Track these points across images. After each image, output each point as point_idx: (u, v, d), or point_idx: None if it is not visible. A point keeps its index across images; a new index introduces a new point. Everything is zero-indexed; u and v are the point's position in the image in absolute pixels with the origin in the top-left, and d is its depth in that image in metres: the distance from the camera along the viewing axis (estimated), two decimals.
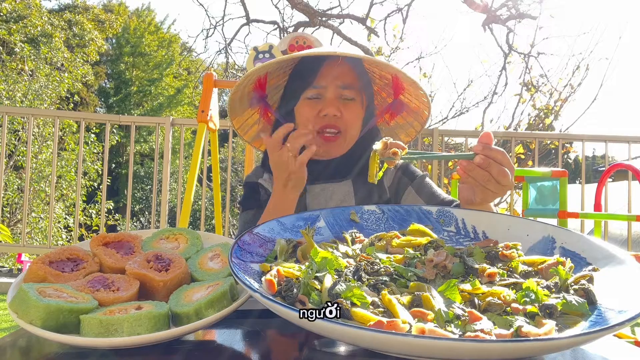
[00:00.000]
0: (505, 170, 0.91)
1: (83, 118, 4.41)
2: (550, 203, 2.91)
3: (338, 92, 1.22)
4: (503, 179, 0.91)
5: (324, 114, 1.20)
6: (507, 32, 5.97)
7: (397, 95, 1.31)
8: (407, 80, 1.25)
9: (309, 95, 1.23)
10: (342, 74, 1.22)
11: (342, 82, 1.21)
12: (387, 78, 1.33)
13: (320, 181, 1.29)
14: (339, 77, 1.21)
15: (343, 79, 1.21)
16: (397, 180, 1.32)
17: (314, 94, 1.22)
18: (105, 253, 0.80)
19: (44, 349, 0.69)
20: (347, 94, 1.22)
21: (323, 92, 1.22)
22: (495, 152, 0.91)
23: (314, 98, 1.22)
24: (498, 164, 0.91)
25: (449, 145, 5.68)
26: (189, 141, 8.96)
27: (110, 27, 17.13)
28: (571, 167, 11.17)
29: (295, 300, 0.62)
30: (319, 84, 1.21)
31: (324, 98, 1.22)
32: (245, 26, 6.49)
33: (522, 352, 0.51)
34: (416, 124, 1.37)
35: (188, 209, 2.77)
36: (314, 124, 1.21)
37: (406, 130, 1.40)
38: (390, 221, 0.92)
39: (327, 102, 1.21)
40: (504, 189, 0.94)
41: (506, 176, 0.91)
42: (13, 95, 8.50)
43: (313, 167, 1.28)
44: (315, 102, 1.22)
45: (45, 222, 7.12)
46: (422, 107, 1.31)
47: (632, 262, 0.69)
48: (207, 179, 6.84)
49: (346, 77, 1.22)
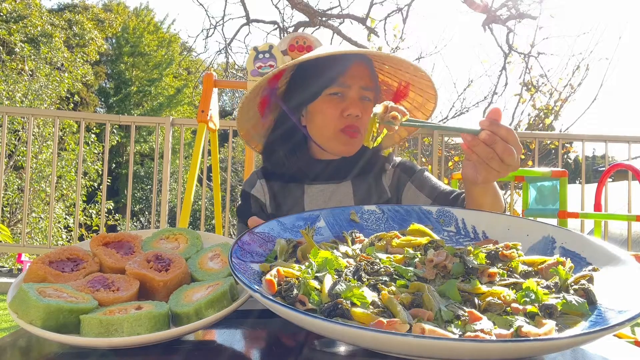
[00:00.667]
0: (510, 149, 0.86)
1: (83, 118, 4.41)
2: (550, 203, 2.92)
3: (360, 92, 1.22)
4: (508, 157, 0.86)
5: (347, 113, 1.19)
6: (507, 32, 5.97)
7: (397, 100, 1.32)
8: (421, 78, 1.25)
9: (331, 92, 1.21)
10: (365, 75, 1.22)
11: (365, 83, 1.22)
12: (387, 84, 1.35)
13: (318, 181, 1.28)
14: (363, 78, 1.22)
15: (366, 80, 1.22)
16: (396, 178, 1.32)
17: (338, 91, 1.21)
18: (105, 253, 0.80)
19: (44, 349, 0.68)
20: (367, 95, 1.23)
21: (346, 91, 1.21)
22: (502, 128, 0.85)
23: (335, 95, 1.21)
24: (504, 141, 0.85)
25: (449, 145, 5.68)
26: (189, 141, 8.96)
27: (110, 27, 17.14)
28: (571, 167, 11.17)
29: (295, 300, 0.62)
30: (345, 83, 1.20)
31: (347, 97, 1.21)
32: (245, 26, 6.50)
33: (522, 352, 0.51)
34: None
35: (188, 209, 2.77)
36: (337, 122, 1.21)
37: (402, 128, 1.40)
38: (390, 221, 0.92)
39: (351, 102, 1.20)
40: (508, 168, 0.89)
41: (511, 155, 0.86)
42: (13, 95, 8.50)
43: (313, 166, 1.28)
44: (338, 100, 1.21)
45: (45, 222, 7.13)
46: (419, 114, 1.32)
47: (632, 262, 0.69)
48: (207, 179, 6.84)
49: (368, 78, 1.23)
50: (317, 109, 1.23)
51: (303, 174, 1.29)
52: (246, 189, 1.33)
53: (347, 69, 1.20)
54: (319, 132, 1.25)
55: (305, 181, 1.29)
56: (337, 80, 1.20)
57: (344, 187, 1.28)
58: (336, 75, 1.20)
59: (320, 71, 1.21)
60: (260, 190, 1.31)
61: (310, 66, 1.21)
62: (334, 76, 1.20)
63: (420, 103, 1.31)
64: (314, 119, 1.24)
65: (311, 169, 1.28)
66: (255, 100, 1.25)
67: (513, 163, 0.87)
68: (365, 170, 1.29)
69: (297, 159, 1.28)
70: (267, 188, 1.31)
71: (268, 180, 1.32)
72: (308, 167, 1.28)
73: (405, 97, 1.31)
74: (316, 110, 1.23)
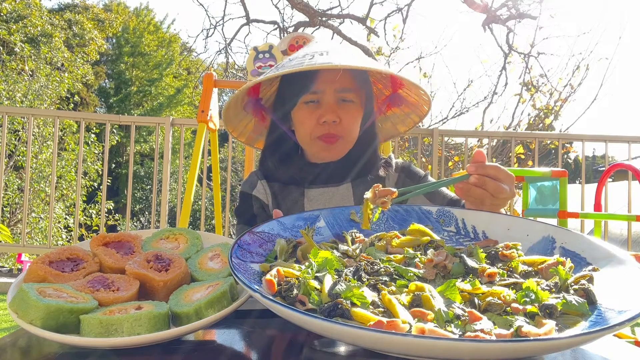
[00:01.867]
0: (500, 186, 0.91)
1: (83, 118, 4.42)
2: (550, 203, 2.91)
3: (336, 96, 1.19)
4: (500, 194, 0.92)
5: (323, 120, 1.18)
6: (507, 32, 5.97)
7: (395, 90, 1.29)
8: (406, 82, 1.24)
9: (306, 100, 1.20)
10: (341, 77, 1.18)
11: (340, 85, 1.19)
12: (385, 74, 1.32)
13: (317, 185, 1.27)
14: (337, 81, 1.18)
15: (340, 82, 1.18)
16: (400, 183, 1.30)
17: (312, 98, 1.20)
18: (105, 253, 0.80)
19: (44, 349, 0.68)
20: (345, 97, 1.20)
21: (321, 96, 1.19)
22: (488, 169, 0.91)
23: (311, 102, 1.20)
24: (494, 179, 0.91)
25: (449, 145, 5.68)
26: (189, 141, 8.96)
27: (110, 27, 17.14)
28: (571, 167, 11.18)
29: (295, 300, 0.62)
30: (317, 89, 1.19)
31: (322, 103, 1.20)
32: (245, 26, 6.49)
33: (522, 352, 0.51)
34: (414, 116, 1.35)
35: (188, 209, 2.77)
36: (313, 131, 1.20)
37: (404, 121, 1.38)
38: (390, 221, 0.92)
39: (326, 107, 1.19)
40: (504, 201, 0.94)
41: (502, 191, 0.92)
42: (13, 95, 8.51)
43: (310, 170, 1.27)
44: (314, 108, 1.20)
45: (45, 222, 7.12)
46: (421, 102, 1.29)
47: (632, 262, 0.69)
48: (207, 179, 6.84)
49: (343, 79, 1.19)
50: (296, 117, 1.24)
51: (301, 178, 1.28)
52: (246, 190, 1.32)
53: (318, 74, 1.18)
54: (300, 139, 1.26)
55: (304, 184, 1.28)
56: (309, 87, 1.18)
57: (344, 189, 1.27)
58: (308, 82, 1.18)
59: (295, 79, 1.20)
60: (262, 191, 1.30)
61: (289, 74, 1.18)
62: (306, 83, 1.18)
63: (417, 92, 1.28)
64: (296, 127, 1.25)
65: (308, 172, 1.27)
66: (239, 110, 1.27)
67: (507, 196, 0.93)
68: (363, 173, 1.28)
69: (289, 165, 1.27)
70: (268, 189, 1.30)
71: (269, 181, 1.31)
72: (305, 171, 1.27)
73: (402, 85, 1.28)
74: (296, 118, 1.24)
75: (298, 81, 1.20)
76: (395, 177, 1.32)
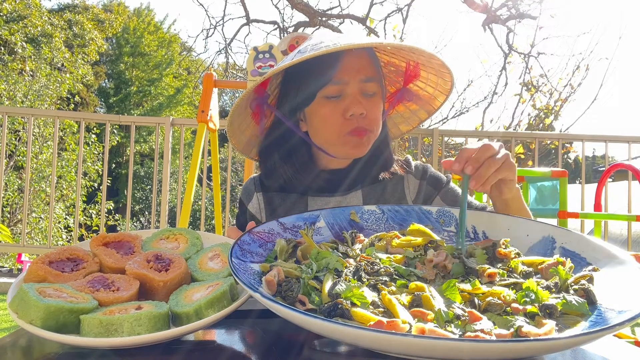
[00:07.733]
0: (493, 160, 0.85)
1: (83, 118, 4.41)
2: (550, 203, 2.91)
3: (360, 86, 1.05)
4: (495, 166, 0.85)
5: (350, 114, 1.04)
6: (507, 32, 5.98)
7: (407, 83, 1.17)
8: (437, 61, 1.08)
9: (328, 94, 1.05)
10: (363, 66, 1.05)
11: (365, 74, 1.05)
12: (396, 65, 1.19)
13: (323, 194, 1.16)
14: (361, 70, 1.04)
15: (365, 71, 1.05)
16: (422, 191, 1.19)
17: (335, 91, 1.05)
18: (105, 253, 0.80)
19: (44, 349, 0.68)
20: (369, 88, 1.06)
21: (344, 88, 1.05)
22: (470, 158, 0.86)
23: (333, 97, 1.05)
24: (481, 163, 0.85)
25: (449, 145, 5.68)
26: (189, 141, 8.96)
27: (110, 27, 17.14)
28: (571, 167, 11.16)
29: (295, 300, 0.62)
30: (340, 79, 1.04)
31: (346, 95, 1.05)
32: (245, 26, 6.50)
33: (522, 352, 0.51)
34: (422, 113, 1.25)
35: (188, 209, 2.77)
36: (342, 126, 1.05)
37: (407, 120, 1.28)
38: (390, 221, 0.92)
39: (351, 99, 1.04)
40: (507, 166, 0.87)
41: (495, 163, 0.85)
42: (14, 96, 8.51)
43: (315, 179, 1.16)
44: (338, 102, 1.05)
45: (46, 222, 7.13)
46: (436, 93, 1.18)
47: (632, 262, 0.69)
48: (207, 179, 6.84)
49: (367, 69, 1.05)
50: (315, 114, 1.08)
51: (306, 187, 1.17)
52: (243, 200, 1.24)
53: (341, 62, 1.04)
54: (323, 138, 1.10)
55: (308, 192, 1.17)
56: (332, 78, 1.04)
57: (354, 197, 1.16)
58: (329, 72, 1.03)
59: (312, 70, 1.05)
60: (256, 206, 1.21)
61: (300, 66, 1.01)
62: (327, 73, 1.03)
63: (436, 82, 1.16)
64: (314, 125, 1.10)
65: (315, 181, 1.16)
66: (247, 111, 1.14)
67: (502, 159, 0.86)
68: (376, 179, 1.18)
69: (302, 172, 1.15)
70: (263, 203, 1.20)
71: (266, 192, 1.21)
72: (311, 179, 1.16)
73: (417, 77, 1.15)
74: (314, 114, 1.09)
75: (315, 71, 1.05)
76: (417, 184, 1.20)
